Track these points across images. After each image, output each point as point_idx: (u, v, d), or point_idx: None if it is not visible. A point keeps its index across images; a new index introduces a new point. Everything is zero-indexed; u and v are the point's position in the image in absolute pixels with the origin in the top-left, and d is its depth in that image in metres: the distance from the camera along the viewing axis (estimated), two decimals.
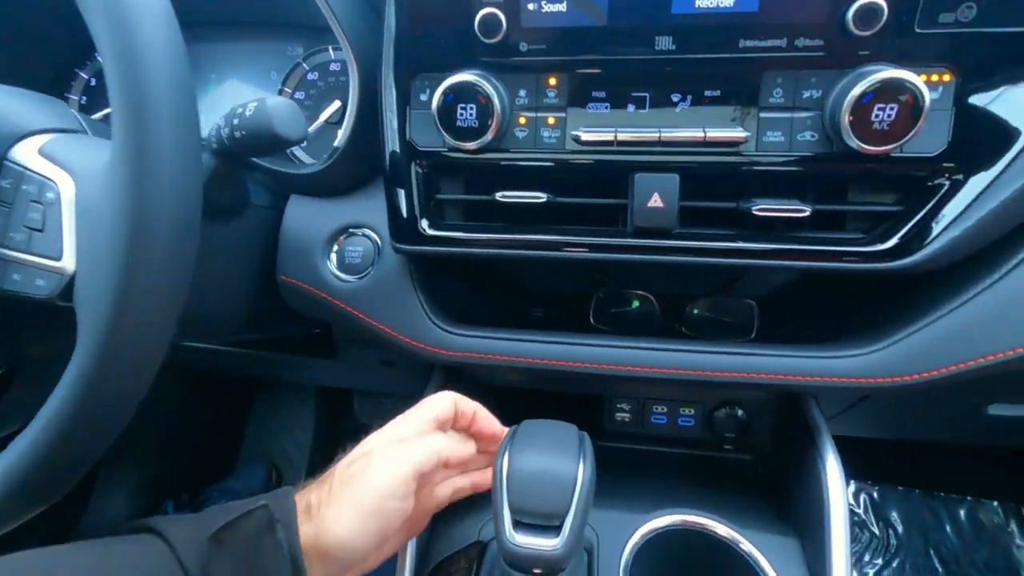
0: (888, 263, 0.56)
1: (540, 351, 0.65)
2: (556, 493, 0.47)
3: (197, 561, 0.43)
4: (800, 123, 0.56)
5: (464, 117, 0.59)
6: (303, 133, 0.56)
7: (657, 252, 0.61)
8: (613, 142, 0.58)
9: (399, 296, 0.68)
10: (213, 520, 0.46)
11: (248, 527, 0.45)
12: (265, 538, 0.45)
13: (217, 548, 0.44)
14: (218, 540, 0.44)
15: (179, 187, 0.44)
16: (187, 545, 0.44)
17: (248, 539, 0.45)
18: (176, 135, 0.43)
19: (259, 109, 0.53)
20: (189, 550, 0.44)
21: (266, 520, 0.46)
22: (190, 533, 0.45)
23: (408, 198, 0.65)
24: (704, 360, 0.63)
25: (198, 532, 0.45)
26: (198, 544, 0.44)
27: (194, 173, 0.46)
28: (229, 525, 0.45)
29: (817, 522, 0.59)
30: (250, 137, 0.54)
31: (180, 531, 0.45)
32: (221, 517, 0.46)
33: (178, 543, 0.44)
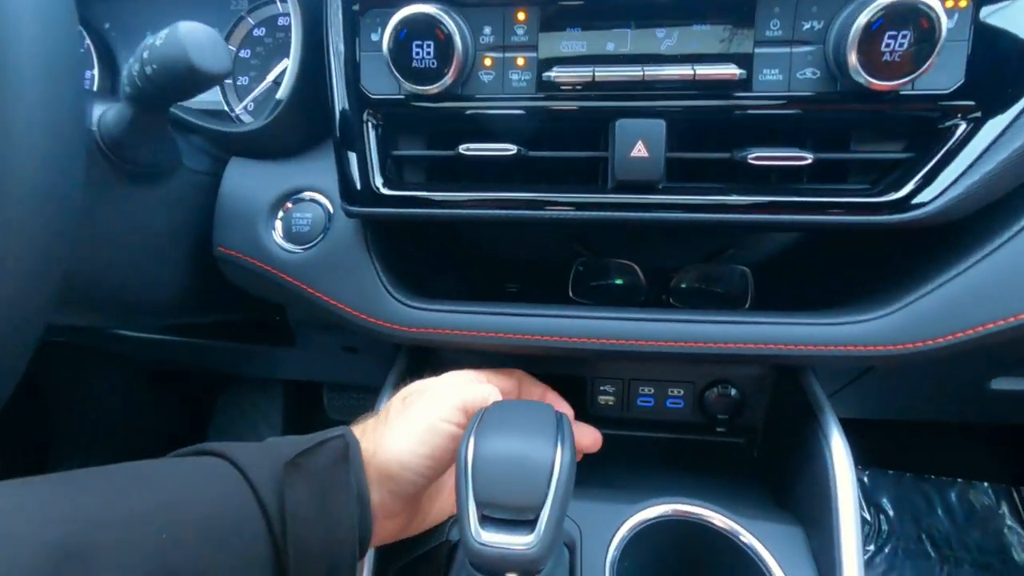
0: (899, 215, 0.50)
1: (514, 325, 0.58)
2: (529, 482, 0.40)
3: (271, 487, 0.42)
4: (800, 59, 0.50)
5: (420, 57, 0.52)
6: (225, 64, 0.48)
7: (642, 209, 0.54)
8: (591, 82, 0.51)
9: (352, 267, 0.60)
10: (279, 448, 0.45)
11: (326, 455, 0.45)
12: (339, 467, 0.45)
13: (294, 474, 0.43)
14: (296, 466, 0.43)
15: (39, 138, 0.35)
16: (258, 470, 0.43)
17: (324, 467, 0.44)
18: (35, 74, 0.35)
19: (170, 37, 0.45)
20: (261, 475, 0.42)
21: (342, 450, 0.46)
22: (259, 458, 0.44)
23: (360, 155, 0.57)
24: (694, 330, 0.56)
25: (267, 458, 0.44)
26: (270, 469, 0.43)
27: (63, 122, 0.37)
28: (308, 451, 0.44)
29: (823, 508, 0.53)
30: (163, 72, 0.46)
31: (248, 455, 0.44)
32: (289, 447, 0.45)
33: (248, 467, 0.42)
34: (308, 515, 0.42)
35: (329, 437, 0.46)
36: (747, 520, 0.55)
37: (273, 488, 0.42)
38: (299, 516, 0.42)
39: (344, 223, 0.61)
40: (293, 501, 0.42)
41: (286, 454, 0.44)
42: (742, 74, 0.50)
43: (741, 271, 0.64)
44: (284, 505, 0.41)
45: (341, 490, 0.44)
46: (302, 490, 0.42)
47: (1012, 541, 1.30)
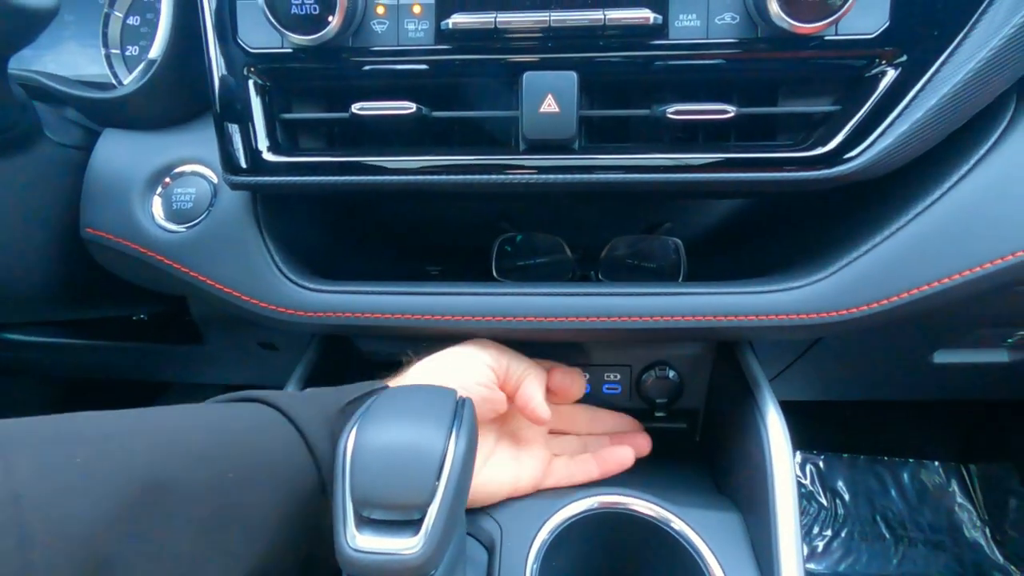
0: (828, 170, 0.46)
1: (428, 305, 0.52)
2: (414, 476, 0.34)
3: (322, 434, 0.41)
4: (718, 2, 0.46)
5: (299, 1, 0.46)
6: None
7: (556, 172, 0.49)
8: (492, 29, 0.46)
9: (241, 246, 0.53)
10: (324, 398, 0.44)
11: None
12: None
13: (343, 420, 0.41)
14: (345, 413, 0.42)
15: None
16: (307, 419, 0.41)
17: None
18: None
19: None
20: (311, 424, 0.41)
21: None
22: (307, 408, 0.42)
23: (242, 117, 0.50)
24: (623, 304, 0.52)
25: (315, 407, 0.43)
26: (321, 417, 0.42)
27: None
28: (358, 399, 0.43)
29: (760, 491, 0.49)
30: None
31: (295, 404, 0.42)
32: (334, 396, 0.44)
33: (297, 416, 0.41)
34: None
35: (377, 387, 0.46)
36: (678, 508, 0.50)
37: (323, 433, 0.41)
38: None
39: (231, 197, 0.54)
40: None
41: (335, 402, 0.43)
42: (656, 19, 0.46)
43: (674, 243, 0.60)
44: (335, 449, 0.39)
45: None
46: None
47: (963, 518, 1.31)
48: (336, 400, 0.43)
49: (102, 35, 0.69)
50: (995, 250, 0.46)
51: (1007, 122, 0.48)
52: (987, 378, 0.83)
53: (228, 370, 0.90)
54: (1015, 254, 0.46)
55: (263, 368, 0.87)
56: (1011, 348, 0.75)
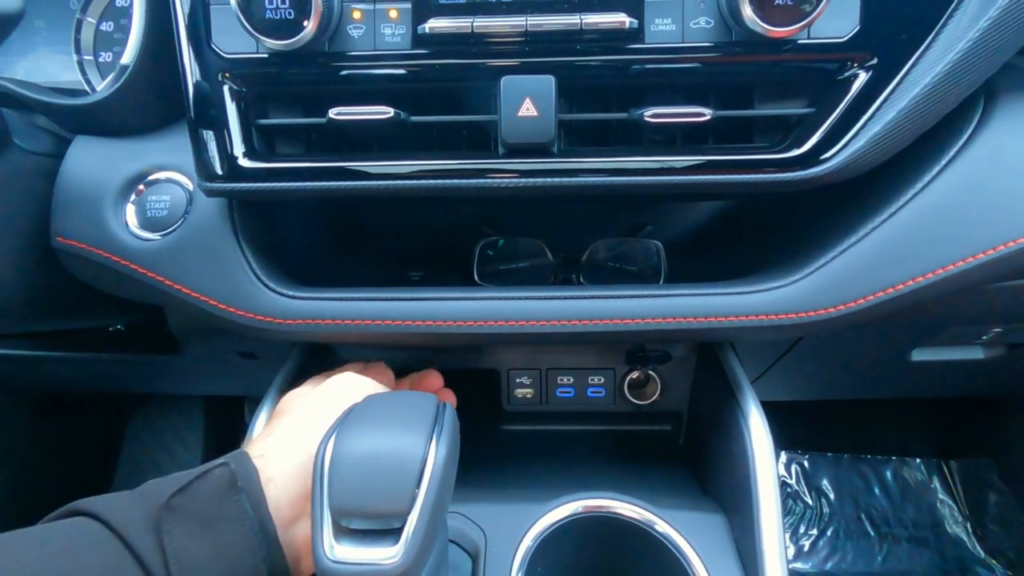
0: (803, 171, 0.47)
1: (410, 310, 0.52)
2: (395, 483, 0.34)
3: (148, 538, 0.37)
4: (693, 6, 0.46)
5: (274, 6, 0.45)
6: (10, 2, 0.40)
7: (535, 175, 0.49)
8: (470, 34, 0.46)
9: (217, 254, 0.52)
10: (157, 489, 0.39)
11: (205, 488, 0.39)
12: (227, 499, 0.39)
13: (170, 518, 0.38)
14: (171, 509, 0.38)
15: None
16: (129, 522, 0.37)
17: (206, 502, 0.39)
18: None
19: None
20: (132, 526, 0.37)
21: (226, 479, 0.40)
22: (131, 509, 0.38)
23: (217, 123, 0.50)
24: (604, 307, 0.52)
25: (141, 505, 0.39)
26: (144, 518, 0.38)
27: None
28: (184, 489, 0.39)
29: (743, 492, 0.49)
30: None
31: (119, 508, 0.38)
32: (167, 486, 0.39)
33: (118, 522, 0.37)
34: (195, 563, 0.37)
35: (209, 469, 0.40)
36: (662, 510, 0.50)
37: (150, 540, 0.37)
38: (184, 565, 0.37)
39: (207, 205, 0.53)
40: (174, 549, 0.37)
41: (160, 496, 0.38)
42: (632, 23, 0.46)
43: (654, 246, 0.61)
44: (165, 556, 0.36)
45: (233, 528, 0.38)
46: (182, 535, 0.37)
47: (945, 514, 1.33)
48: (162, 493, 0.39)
49: (74, 41, 0.68)
50: (967, 248, 0.47)
51: (975, 123, 0.49)
52: (964, 375, 0.85)
53: (206, 380, 0.89)
54: (986, 252, 0.47)
55: (242, 377, 0.86)
56: (986, 345, 0.76)
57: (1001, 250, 0.47)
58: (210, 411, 1.40)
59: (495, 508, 0.52)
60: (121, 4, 0.69)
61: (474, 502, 0.53)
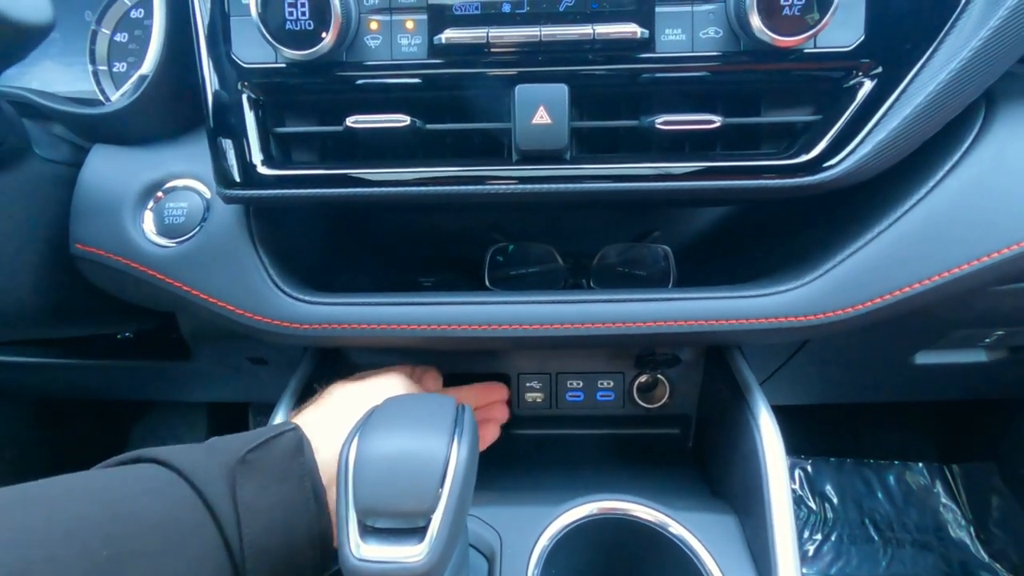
0: (810, 177, 0.48)
1: (424, 315, 0.53)
2: (418, 483, 0.34)
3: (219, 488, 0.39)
4: (702, 17, 0.48)
5: (294, 17, 0.46)
6: (44, 15, 0.41)
7: (548, 181, 0.50)
8: (485, 45, 0.47)
9: (235, 260, 0.53)
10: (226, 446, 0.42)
11: (279, 450, 0.42)
12: (295, 461, 0.42)
13: (245, 472, 0.40)
14: (246, 463, 0.40)
15: None
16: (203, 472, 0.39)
17: (278, 462, 0.41)
18: None
19: None
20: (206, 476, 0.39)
21: (296, 443, 0.43)
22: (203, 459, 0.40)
23: (235, 131, 0.51)
24: (614, 310, 0.52)
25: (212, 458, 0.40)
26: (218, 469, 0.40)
27: None
28: (260, 447, 0.41)
29: (755, 493, 0.50)
30: None
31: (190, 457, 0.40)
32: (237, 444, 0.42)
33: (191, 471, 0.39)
34: (262, 513, 0.39)
35: (281, 431, 0.43)
36: (676, 511, 0.51)
37: (222, 489, 0.39)
38: (253, 514, 0.39)
39: (224, 211, 0.54)
40: (246, 500, 0.39)
41: (235, 451, 0.41)
42: (644, 33, 0.47)
43: (663, 251, 0.62)
44: (236, 505, 0.39)
45: (296, 486, 0.41)
46: (254, 487, 0.40)
47: (948, 519, 1.33)
48: (236, 449, 0.41)
49: (89, 52, 0.69)
50: (973, 251, 0.48)
51: (977, 130, 0.51)
52: (967, 378, 0.86)
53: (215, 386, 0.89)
54: (990, 255, 0.48)
55: (252, 383, 0.86)
56: (988, 348, 0.77)
57: (1006, 253, 0.48)
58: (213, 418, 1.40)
59: (509, 510, 0.52)
60: (136, 15, 0.71)
61: (488, 504, 0.53)
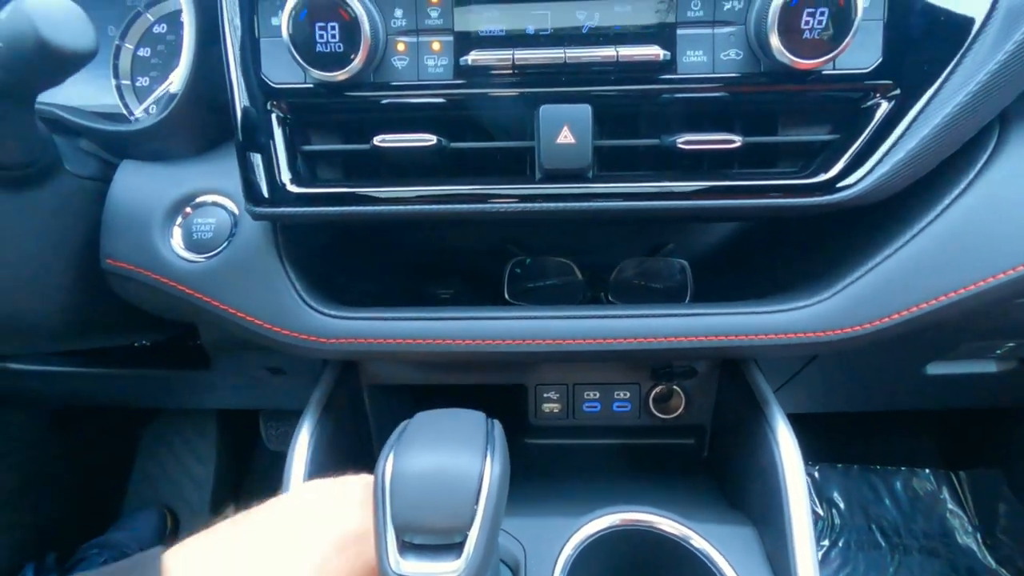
0: (828, 196, 0.49)
1: (447, 330, 0.54)
2: (455, 499, 0.35)
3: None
4: (723, 39, 0.49)
5: (324, 40, 0.47)
6: (87, 40, 0.42)
7: (571, 199, 0.51)
8: (511, 66, 0.48)
9: (262, 275, 0.54)
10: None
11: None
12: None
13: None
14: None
15: None
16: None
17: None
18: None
19: (15, 8, 0.39)
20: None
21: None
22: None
23: (265, 150, 0.52)
24: (634, 326, 0.53)
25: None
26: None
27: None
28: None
29: (774, 506, 0.51)
30: (9, 51, 0.39)
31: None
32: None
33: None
34: None
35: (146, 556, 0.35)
36: (697, 523, 0.52)
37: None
38: None
39: (251, 227, 0.55)
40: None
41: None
42: (666, 55, 0.48)
43: (680, 264, 0.63)
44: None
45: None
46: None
47: (955, 525, 1.34)
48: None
49: (113, 66, 0.70)
50: (989, 268, 0.49)
51: (991, 149, 0.52)
52: (976, 388, 0.86)
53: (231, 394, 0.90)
54: (1006, 272, 0.49)
55: (267, 391, 0.87)
56: (998, 359, 0.78)
57: (1021, 270, 0.49)
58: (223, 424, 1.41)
59: (532, 522, 0.53)
60: (159, 31, 0.72)
61: (511, 515, 0.54)
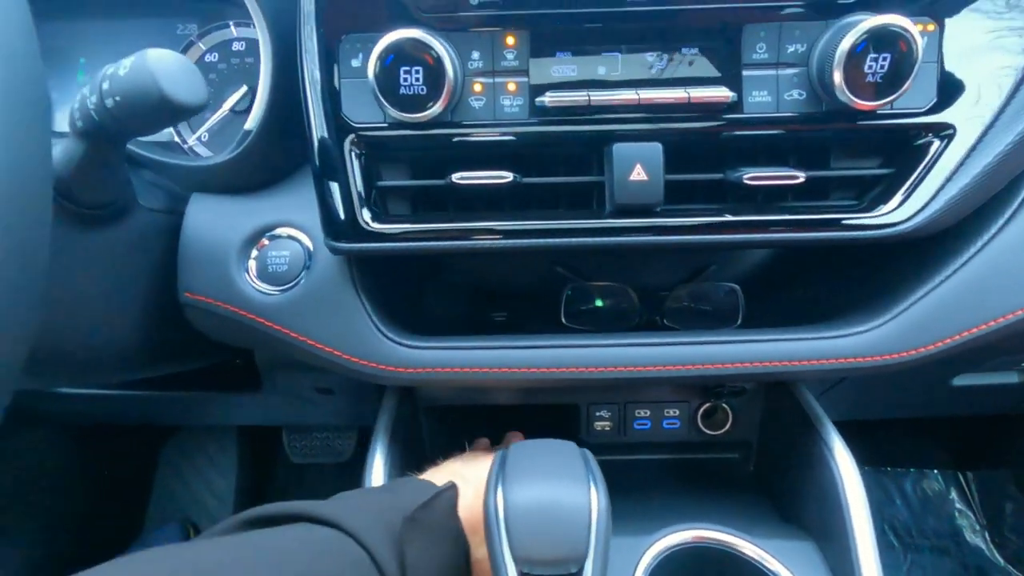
0: (888, 230, 0.52)
1: (517, 358, 0.56)
2: (570, 531, 0.37)
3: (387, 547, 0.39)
4: (787, 80, 0.51)
5: (409, 83, 0.49)
6: (201, 95, 0.43)
7: (640, 233, 0.53)
8: (586, 106, 0.50)
9: (340, 308, 0.56)
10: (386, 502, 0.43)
11: (441, 507, 0.44)
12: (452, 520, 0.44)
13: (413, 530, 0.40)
14: (414, 521, 0.41)
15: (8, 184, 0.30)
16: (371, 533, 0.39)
17: (441, 520, 0.43)
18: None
19: (137, 66, 0.40)
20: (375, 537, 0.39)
21: (453, 501, 0.45)
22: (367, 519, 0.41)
23: (344, 187, 0.53)
24: (696, 352, 0.56)
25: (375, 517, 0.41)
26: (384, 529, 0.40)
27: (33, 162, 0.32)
28: (426, 505, 0.43)
29: (834, 522, 0.54)
30: (128, 104, 0.41)
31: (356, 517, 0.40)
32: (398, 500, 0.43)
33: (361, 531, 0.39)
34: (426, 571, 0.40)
35: (443, 488, 0.45)
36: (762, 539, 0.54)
37: (389, 549, 0.39)
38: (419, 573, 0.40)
39: (327, 260, 0.57)
40: (413, 560, 0.40)
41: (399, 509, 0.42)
42: (734, 96, 0.51)
43: (732, 288, 0.65)
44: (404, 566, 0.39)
45: (453, 545, 0.43)
46: (420, 547, 0.40)
47: (963, 524, 1.38)
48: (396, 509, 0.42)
49: None
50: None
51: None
52: (997, 397, 0.90)
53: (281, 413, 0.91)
54: None
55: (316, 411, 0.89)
56: (1022, 371, 0.82)
57: None
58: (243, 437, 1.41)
59: None
60: (210, 59, 0.73)
61: None
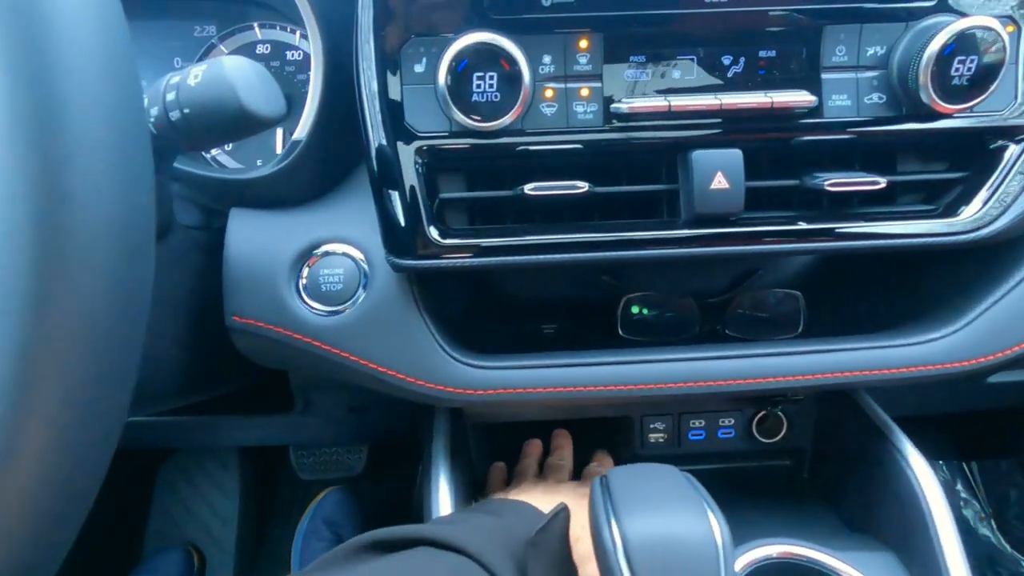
0: (973, 235, 0.51)
1: (588, 376, 0.53)
2: (699, 566, 0.35)
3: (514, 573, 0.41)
4: (867, 83, 0.50)
5: (482, 90, 0.46)
6: (281, 107, 0.40)
7: (721, 242, 0.51)
8: (667, 112, 0.48)
9: (401, 328, 0.52)
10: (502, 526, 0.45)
11: (558, 529, 0.44)
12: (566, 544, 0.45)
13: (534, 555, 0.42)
14: (535, 545, 0.42)
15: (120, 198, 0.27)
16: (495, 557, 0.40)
17: (556, 545, 0.44)
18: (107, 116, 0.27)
19: (211, 74, 0.37)
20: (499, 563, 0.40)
21: (567, 525, 0.45)
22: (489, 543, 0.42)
23: (406, 200, 0.50)
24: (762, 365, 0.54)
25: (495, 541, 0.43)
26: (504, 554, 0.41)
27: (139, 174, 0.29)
28: (545, 528, 0.43)
29: (917, 533, 0.53)
30: (198, 117, 0.37)
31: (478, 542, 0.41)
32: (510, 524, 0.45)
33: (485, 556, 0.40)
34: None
35: (557, 509, 0.45)
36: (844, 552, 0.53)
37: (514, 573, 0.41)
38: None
39: (387, 278, 0.53)
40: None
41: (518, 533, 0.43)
42: (815, 100, 0.49)
43: (793, 295, 0.64)
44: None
45: (570, 569, 0.44)
46: (542, 572, 0.41)
47: (969, 514, 1.41)
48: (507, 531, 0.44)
49: None
50: None
51: None
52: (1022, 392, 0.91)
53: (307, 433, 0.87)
54: None
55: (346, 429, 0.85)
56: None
57: None
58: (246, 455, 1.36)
59: None
60: None
61: None
